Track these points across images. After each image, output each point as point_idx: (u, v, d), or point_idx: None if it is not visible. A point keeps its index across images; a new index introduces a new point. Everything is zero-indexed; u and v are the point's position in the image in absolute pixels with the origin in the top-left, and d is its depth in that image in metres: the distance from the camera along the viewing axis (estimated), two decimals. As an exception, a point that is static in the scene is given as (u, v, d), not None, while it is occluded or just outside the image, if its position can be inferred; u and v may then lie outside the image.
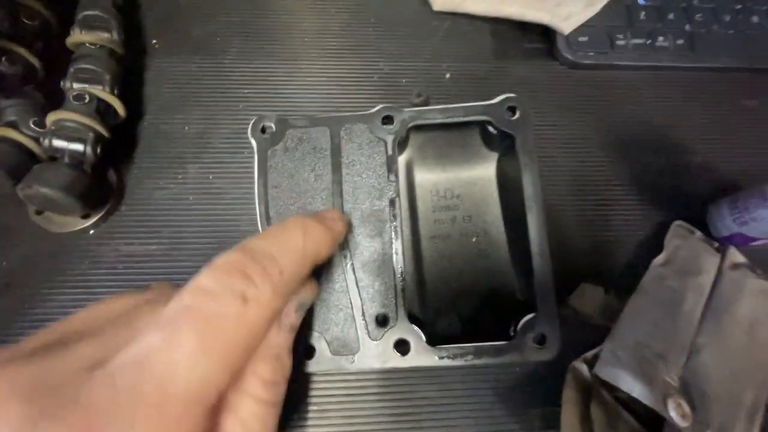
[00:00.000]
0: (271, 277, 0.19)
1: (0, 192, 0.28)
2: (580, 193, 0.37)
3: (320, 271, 0.28)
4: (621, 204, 0.37)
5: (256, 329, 0.18)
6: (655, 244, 0.34)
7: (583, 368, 0.31)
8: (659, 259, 0.34)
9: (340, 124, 0.31)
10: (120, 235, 0.33)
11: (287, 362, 0.21)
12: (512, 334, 0.28)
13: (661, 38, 0.41)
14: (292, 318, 0.21)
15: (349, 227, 0.28)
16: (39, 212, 0.32)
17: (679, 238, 0.35)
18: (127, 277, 0.32)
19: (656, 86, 0.41)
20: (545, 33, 0.42)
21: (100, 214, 0.33)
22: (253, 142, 0.31)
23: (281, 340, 0.20)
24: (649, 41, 0.41)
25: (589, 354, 0.31)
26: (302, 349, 0.26)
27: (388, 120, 0.31)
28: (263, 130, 0.31)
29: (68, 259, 0.32)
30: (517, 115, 0.31)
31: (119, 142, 0.35)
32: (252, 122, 0.31)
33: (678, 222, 0.36)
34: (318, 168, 0.31)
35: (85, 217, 0.33)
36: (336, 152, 0.31)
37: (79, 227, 0.32)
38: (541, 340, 0.27)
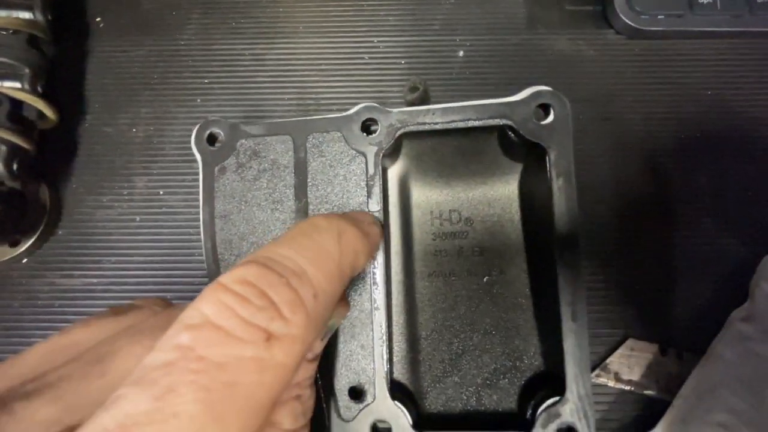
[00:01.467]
0: (303, 303, 0.14)
1: None
2: (633, 212, 0.28)
3: None
4: (689, 228, 0.28)
5: (283, 379, 0.13)
6: (734, 288, 0.25)
7: (625, 458, 0.23)
8: (741, 310, 0.26)
9: (306, 132, 0.24)
10: (56, 264, 0.28)
11: (310, 402, 0.17)
12: (529, 417, 0.21)
13: (765, -9, 0.29)
14: (317, 348, 0.17)
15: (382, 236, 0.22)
16: (-38, 238, 0.28)
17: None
18: (65, 316, 0.28)
19: (754, 62, 0.30)
20: (597, -10, 0.31)
21: (32, 240, 0.28)
22: (198, 156, 0.24)
23: (304, 376, 0.16)
24: (746, -4, 0.30)
25: (635, 439, 0.23)
26: None
27: (370, 124, 0.23)
28: (211, 140, 0.24)
29: (-2, 294, 0.28)
30: (551, 117, 0.22)
31: (53, 151, 0.29)
32: (196, 129, 0.24)
33: (771, 256, 0.26)
34: (277, 191, 0.24)
35: (15, 244, 0.28)
36: (300, 170, 0.24)
37: (9, 256, 0.28)
38: (568, 435, 0.20)
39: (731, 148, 0.29)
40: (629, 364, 0.26)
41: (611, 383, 0.25)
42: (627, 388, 0.25)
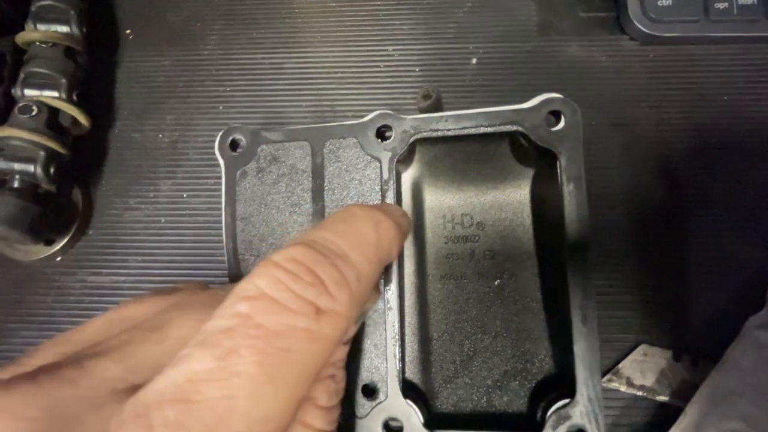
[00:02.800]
0: (348, 283, 0.15)
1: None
2: (646, 219, 0.28)
3: None
4: (704, 235, 0.28)
5: (328, 351, 0.14)
6: (751, 295, 0.25)
7: (637, 464, 0.23)
8: (758, 317, 0.25)
9: (323, 138, 0.25)
10: (87, 263, 0.30)
11: (342, 383, 0.18)
12: (539, 419, 0.21)
13: (784, -4, 0.29)
14: (352, 331, 0.18)
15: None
16: (3, 238, 0.29)
17: (791, 288, 0.25)
18: (94, 311, 0.29)
19: (771, 68, 0.29)
20: (611, -3, 0.32)
21: (65, 240, 0.30)
22: (221, 161, 0.25)
23: (338, 357, 0.18)
24: (763, 2, 0.29)
25: (647, 445, 0.23)
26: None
27: (384, 131, 0.24)
28: (233, 146, 0.25)
29: (33, 290, 0.30)
30: (562, 123, 0.23)
31: (85, 156, 0.31)
32: (219, 135, 0.25)
33: (790, 264, 0.26)
34: (295, 195, 0.25)
35: (50, 242, 0.29)
36: (318, 174, 0.25)
37: (44, 255, 0.29)
38: (578, 437, 0.20)
39: (748, 154, 0.28)
40: (642, 370, 0.26)
41: (623, 388, 0.25)
42: (639, 393, 0.25)
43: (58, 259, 0.30)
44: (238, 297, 0.13)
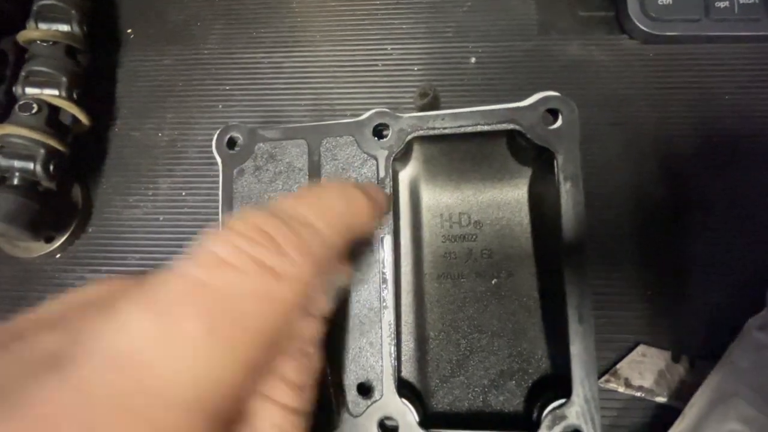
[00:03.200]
0: (310, 249, 0.14)
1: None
2: (645, 218, 0.28)
3: None
4: (703, 235, 0.27)
5: (286, 315, 0.14)
6: (751, 296, 0.25)
7: (634, 465, 0.23)
8: (758, 318, 0.25)
9: (320, 136, 0.25)
10: (86, 260, 0.30)
11: (315, 361, 0.17)
12: (535, 419, 0.21)
13: (786, -5, 0.29)
14: (323, 303, 0.17)
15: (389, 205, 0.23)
16: (2, 234, 0.30)
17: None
18: (93, 309, 0.29)
19: (772, 67, 0.29)
20: (610, -4, 0.32)
21: (65, 237, 0.30)
22: (219, 159, 0.25)
23: (309, 330, 0.17)
24: (763, 1, 0.29)
25: (644, 446, 0.23)
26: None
27: (381, 129, 0.24)
28: (231, 144, 0.26)
29: (33, 286, 0.30)
30: (559, 121, 0.23)
31: (85, 154, 0.31)
32: (217, 133, 0.25)
33: (791, 264, 0.26)
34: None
35: (50, 240, 0.29)
36: (314, 172, 0.25)
37: (44, 252, 0.30)
38: (574, 437, 0.20)
39: (748, 153, 0.28)
40: (640, 370, 0.25)
41: (621, 389, 0.25)
42: (637, 394, 0.25)
43: (58, 256, 0.30)
44: (191, 259, 0.13)
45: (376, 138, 0.24)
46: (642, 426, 0.24)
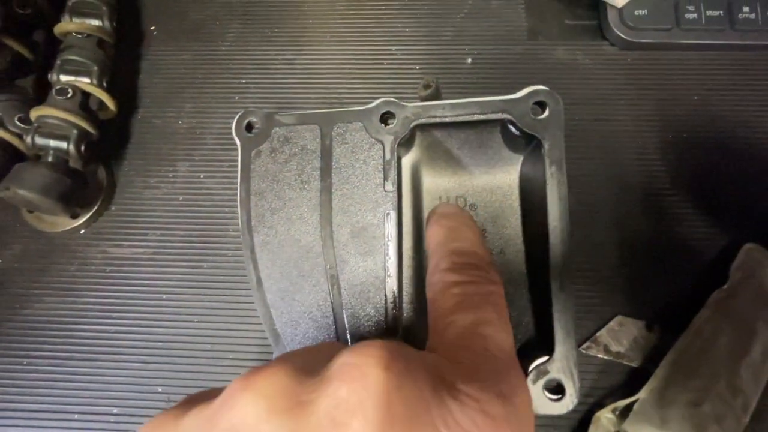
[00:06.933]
0: (490, 264, 0.22)
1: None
2: (624, 203, 0.31)
3: (291, 272, 0.25)
4: (674, 218, 0.30)
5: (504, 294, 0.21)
6: (716, 272, 0.28)
7: (612, 420, 0.26)
8: (721, 292, 0.28)
9: (332, 122, 0.27)
10: (109, 236, 0.32)
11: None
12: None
13: (745, 9, 0.32)
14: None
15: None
16: (30, 211, 0.32)
17: (750, 266, 0.28)
18: (114, 281, 0.31)
19: (735, 72, 0.33)
20: (592, 6, 0.35)
21: (89, 214, 0.32)
22: (238, 141, 0.28)
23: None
24: (728, 14, 0.33)
25: (621, 404, 0.26)
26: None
27: (387, 117, 0.27)
28: (249, 128, 0.28)
29: (58, 259, 0.32)
30: (546, 112, 0.25)
31: (111, 138, 0.33)
32: (236, 118, 0.28)
33: (749, 245, 0.29)
34: (305, 173, 0.27)
35: (75, 216, 0.32)
36: (326, 155, 0.27)
37: (69, 227, 0.32)
38: (555, 390, 0.23)
39: (714, 147, 0.31)
40: (617, 338, 0.28)
41: (600, 354, 0.28)
42: (615, 359, 0.28)
43: (82, 231, 0.32)
44: (447, 287, 0.21)
45: (382, 124, 0.27)
46: (619, 386, 0.27)
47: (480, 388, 0.15)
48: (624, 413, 0.26)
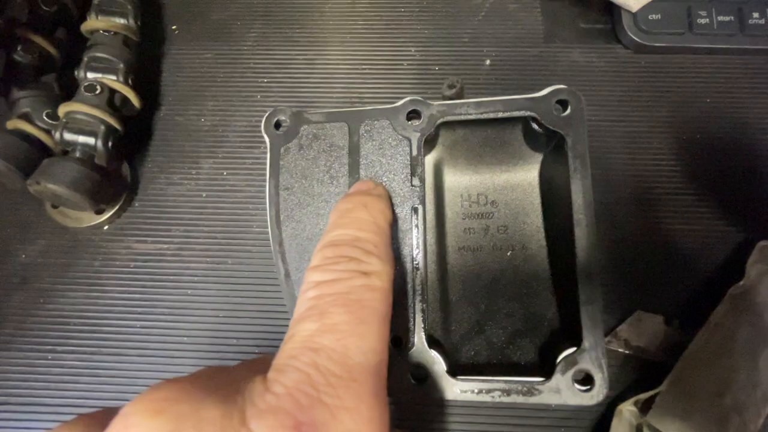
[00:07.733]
0: (369, 250, 0.19)
1: (10, 187, 0.27)
2: (642, 203, 0.31)
3: None
4: (692, 217, 0.31)
5: (387, 296, 0.19)
6: (733, 269, 0.28)
7: (634, 413, 0.26)
8: (738, 287, 0.29)
9: (359, 120, 0.28)
10: (133, 231, 0.32)
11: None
12: (548, 368, 0.24)
13: (755, 15, 0.34)
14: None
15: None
16: (55, 206, 0.32)
17: (766, 263, 0.29)
18: (139, 276, 0.31)
19: (746, 75, 0.34)
20: (607, 10, 0.36)
21: (113, 210, 0.32)
22: (267, 138, 0.28)
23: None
24: (738, 19, 0.34)
25: (643, 396, 0.26)
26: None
27: (414, 115, 0.27)
28: (277, 125, 0.29)
29: (82, 255, 0.32)
30: (569, 110, 0.26)
31: (134, 135, 0.34)
32: (266, 116, 0.28)
33: (764, 242, 0.30)
34: (333, 169, 0.27)
35: (99, 212, 0.32)
36: (354, 151, 0.28)
37: (93, 223, 0.32)
38: (585, 380, 0.23)
39: (727, 147, 0.32)
40: (637, 333, 0.29)
41: (621, 349, 0.28)
42: (635, 354, 0.28)
43: (106, 227, 0.32)
44: (306, 286, 0.18)
45: (409, 122, 0.28)
46: (639, 379, 0.27)
47: (271, 426, 0.13)
48: (645, 406, 0.26)
